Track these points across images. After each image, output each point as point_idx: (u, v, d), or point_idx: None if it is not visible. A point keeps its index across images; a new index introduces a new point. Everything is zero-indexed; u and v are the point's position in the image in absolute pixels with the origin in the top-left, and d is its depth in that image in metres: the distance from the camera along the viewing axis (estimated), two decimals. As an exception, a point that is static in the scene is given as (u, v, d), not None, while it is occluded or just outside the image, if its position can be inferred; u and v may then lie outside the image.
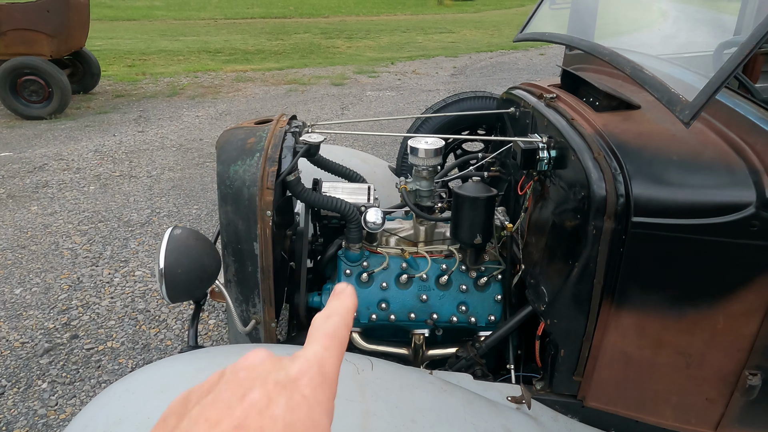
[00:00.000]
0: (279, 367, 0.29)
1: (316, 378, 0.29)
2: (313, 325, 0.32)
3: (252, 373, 0.29)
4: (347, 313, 0.33)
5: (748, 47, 0.73)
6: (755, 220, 0.86)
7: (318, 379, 0.29)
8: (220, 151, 1.21)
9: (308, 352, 0.31)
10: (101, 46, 9.57)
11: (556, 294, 1.09)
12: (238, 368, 0.29)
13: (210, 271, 1.12)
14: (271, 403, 0.27)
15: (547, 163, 1.13)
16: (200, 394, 0.29)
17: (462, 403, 1.02)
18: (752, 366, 0.98)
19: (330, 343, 0.31)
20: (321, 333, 0.32)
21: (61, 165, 4.23)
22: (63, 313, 2.42)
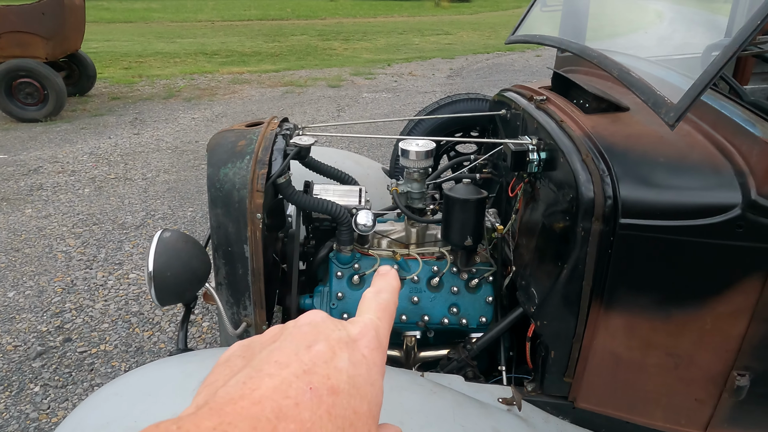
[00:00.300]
0: (340, 326, 0.31)
1: (373, 341, 0.31)
2: (365, 298, 0.35)
3: (315, 329, 0.30)
4: (394, 291, 0.36)
5: (732, 50, 0.74)
6: (741, 222, 0.87)
7: (374, 342, 0.31)
8: (211, 154, 1.21)
9: (365, 318, 0.33)
10: (97, 49, 9.56)
11: (546, 295, 1.09)
12: (301, 323, 0.31)
13: (200, 274, 1.11)
14: (335, 356, 0.29)
15: (537, 165, 1.14)
16: (263, 343, 0.30)
17: (451, 404, 1.02)
18: (740, 366, 0.99)
19: (382, 315, 0.33)
20: (374, 305, 0.34)
21: (56, 167, 4.22)
22: (56, 316, 2.41)
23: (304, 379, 0.27)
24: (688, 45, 1.50)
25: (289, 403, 0.26)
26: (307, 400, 0.26)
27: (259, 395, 0.26)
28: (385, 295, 0.35)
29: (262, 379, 0.27)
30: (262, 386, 0.26)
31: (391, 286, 0.36)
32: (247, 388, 0.26)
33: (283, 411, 0.25)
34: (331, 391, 0.27)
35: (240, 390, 0.26)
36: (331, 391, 0.27)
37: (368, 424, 0.28)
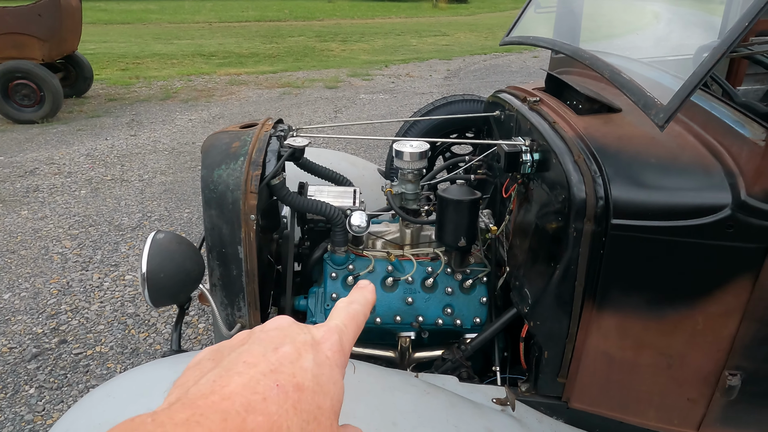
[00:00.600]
0: (305, 330, 0.33)
1: (336, 345, 0.33)
2: (337, 306, 0.37)
3: (282, 332, 0.32)
4: (367, 304, 0.38)
5: (720, 51, 0.74)
6: (731, 222, 0.87)
7: (337, 345, 0.34)
8: (205, 155, 1.21)
9: (331, 323, 0.35)
10: (95, 50, 9.55)
11: (539, 296, 1.10)
12: (268, 328, 0.33)
13: (193, 275, 1.12)
14: (301, 357, 0.31)
15: (530, 166, 1.14)
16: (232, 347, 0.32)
17: (445, 405, 1.02)
18: (732, 366, 0.99)
19: (349, 323, 0.36)
20: (343, 313, 0.36)
21: (53, 169, 4.21)
22: (52, 318, 2.41)
23: (271, 377, 0.28)
24: (681, 46, 1.51)
25: (258, 398, 0.27)
26: (275, 396, 0.28)
27: (228, 391, 0.27)
28: (357, 306, 0.37)
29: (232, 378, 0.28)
30: (231, 383, 0.28)
31: (365, 299, 0.38)
32: (217, 386, 0.28)
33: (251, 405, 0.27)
34: (297, 387, 0.29)
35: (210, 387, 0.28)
36: (297, 387, 0.29)
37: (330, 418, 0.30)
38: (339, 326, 0.35)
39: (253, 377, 0.28)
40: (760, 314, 0.93)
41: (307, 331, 0.33)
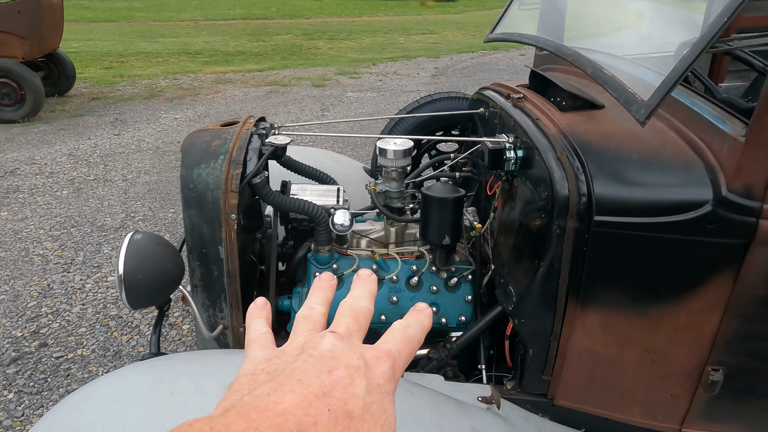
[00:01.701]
0: (358, 353, 0.33)
1: (388, 372, 0.33)
2: (393, 327, 0.37)
3: (335, 355, 0.33)
4: (423, 330, 0.38)
5: (700, 47, 0.74)
6: (712, 218, 0.87)
7: (389, 373, 0.33)
8: (185, 154, 1.19)
9: (385, 347, 0.35)
10: (78, 48, 9.40)
11: (523, 294, 1.09)
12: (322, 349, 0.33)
13: (172, 276, 1.09)
14: (353, 383, 0.31)
15: (514, 163, 1.14)
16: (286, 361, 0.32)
17: (429, 405, 1.01)
18: (714, 361, 0.99)
19: (405, 348, 0.35)
20: (399, 336, 0.36)
21: (34, 169, 4.14)
22: (32, 321, 2.36)
23: (323, 400, 0.29)
24: (664, 43, 1.52)
25: (309, 421, 0.28)
26: (325, 420, 0.28)
27: (282, 408, 0.28)
28: (413, 331, 0.37)
29: (285, 395, 0.29)
30: (285, 401, 0.28)
31: (422, 325, 0.38)
32: (271, 400, 0.28)
33: (303, 426, 0.27)
34: (347, 414, 0.29)
35: (264, 401, 0.28)
36: (347, 414, 0.29)
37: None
38: (393, 351, 0.34)
39: (306, 398, 0.29)
40: (741, 309, 0.93)
41: (360, 355, 0.33)
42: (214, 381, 0.88)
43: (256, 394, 0.29)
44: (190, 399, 0.83)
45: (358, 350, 0.34)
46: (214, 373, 0.90)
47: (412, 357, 0.36)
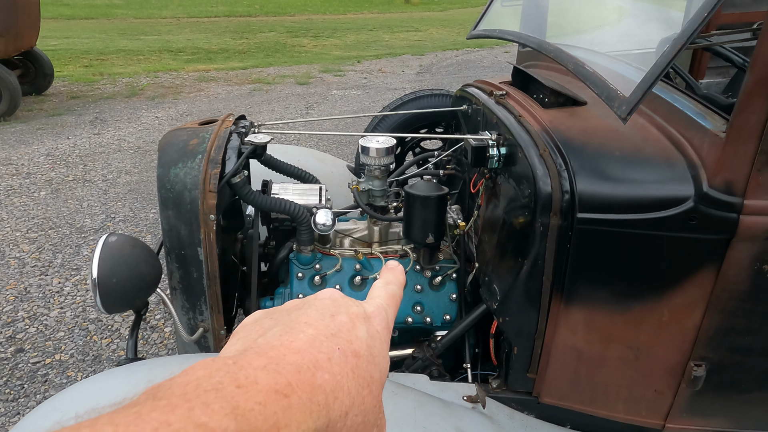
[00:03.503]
0: (357, 304, 0.35)
1: (384, 321, 0.35)
2: (375, 286, 0.39)
3: (336, 302, 0.34)
4: (400, 284, 0.40)
5: (680, 43, 0.73)
6: (694, 214, 0.87)
7: (385, 322, 0.35)
8: (161, 153, 1.16)
9: (377, 301, 0.37)
10: (56, 46, 9.20)
11: (508, 291, 1.09)
12: (322, 297, 0.35)
13: (149, 279, 1.06)
14: (355, 327, 0.32)
15: (498, 160, 1.13)
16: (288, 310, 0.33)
17: (414, 405, 1.00)
18: (697, 357, 1.00)
19: (390, 302, 0.38)
20: (383, 293, 0.38)
21: (10, 170, 4.03)
22: (7, 326, 2.30)
23: (332, 340, 0.30)
24: (646, 40, 1.52)
25: (323, 357, 0.29)
26: (337, 357, 0.30)
27: (297, 347, 0.29)
28: (393, 287, 0.39)
29: (297, 334, 0.30)
30: (298, 340, 0.29)
31: (398, 280, 0.40)
32: (286, 340, 0.29)
33: (319, 362, 0.29)
34: (354, 354, 0.31)
35: (279, 340, 0.29)
36: (354, 354, 0.31)
37: (378, 389, 0.32)
38: (382, 305, 0.37)
39: (316, 337, 0.30)
40: (723, 305, 0.93)
41: (359, 305, 0.35)
42: (192, 386, 0.86)
43: (268, 336, 0.30)
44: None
45: (356, 301, 0.36)
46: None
47: (397, 310, 0.39)
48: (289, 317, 0.32)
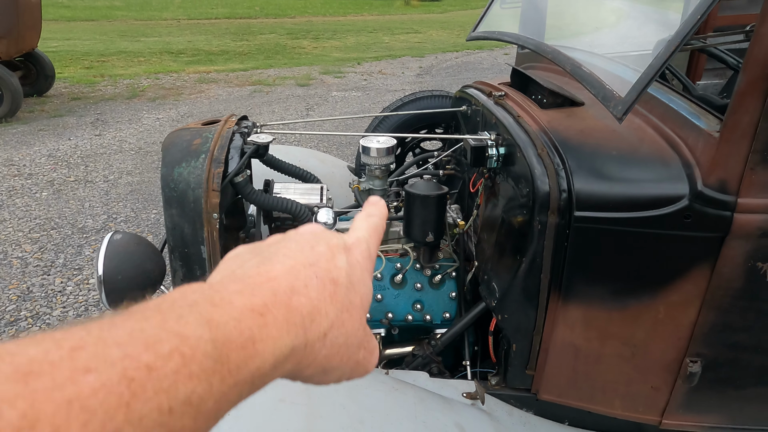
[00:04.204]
0: (337, 236, 0.36)
1: (365, 252, 0.36)
2: (357, 219, 0.40)
3: (315, 235, 0.35)
4: (383, 216, 0.41)
5: (675, 44, 0.75)
6: (689, 212, 0.89)
7: (366, 252, 0.36)
8: (165, 153, 1.18)
9: (358, 233, 0.38)
10: (57, 48, 9.22)
11: (506, 289, 1.10)
12: (302, 231, 0.36)
13: (153, 276, 1.08)
14: (334, 257, 0.33)
15: (496, 160, 1.14)
16: (268, 244, 0.34)
17: (413, 401, 1.02)
18: (692, 353, 1.01)
19: (372, 233, 0.39)
20: (365, 224, 0.39)
21: (12, 171, 4.05)
22: (10, 325, 2.31)
23: (310, 269, 0.31)
24: (642, 42, 1.54)
25: (300, 284, 0.30)
26: (314, 285, 0.31)
27: (274, 274, 0.30)
28: (375, 219, 0.40)
29: (274, 265, 0.31)
30: (275, 269, 0.30)
31: (381, 213, 0.41)
32: (263, 269, 0.30)
33: (295, 288, 0.30)
34: (333, 281, 0.32)
35: (256, 270, 0.30)
36: (333, 281, 0.32)
37: (360, 314, 0.33)
38: (363, 236, 0.38)
39: (294, 267, 0.31)
40: (717, 302, 0.95)
41: (339, 237, 0.36)
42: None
43: (245, 267, 0.31)
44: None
45: (336, 233, 0.36)
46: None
47: (380, 242, 0.39)
48: (269, 250, 0.33)
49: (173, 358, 0.22)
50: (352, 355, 0.33)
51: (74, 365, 0.19)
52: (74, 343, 0.20)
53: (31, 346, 0.19)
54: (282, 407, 0.84)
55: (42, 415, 0.17)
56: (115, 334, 0.21)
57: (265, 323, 0.26)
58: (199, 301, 0.25)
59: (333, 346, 0.31)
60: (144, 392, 0.20)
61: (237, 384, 0.24)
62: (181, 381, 0.22)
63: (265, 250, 0.33)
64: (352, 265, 0.34)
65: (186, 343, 0.22)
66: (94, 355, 0.20)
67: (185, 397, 0.21)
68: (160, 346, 0.21)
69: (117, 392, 0.19)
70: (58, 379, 0.18)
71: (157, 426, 0.20)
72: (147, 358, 0.21)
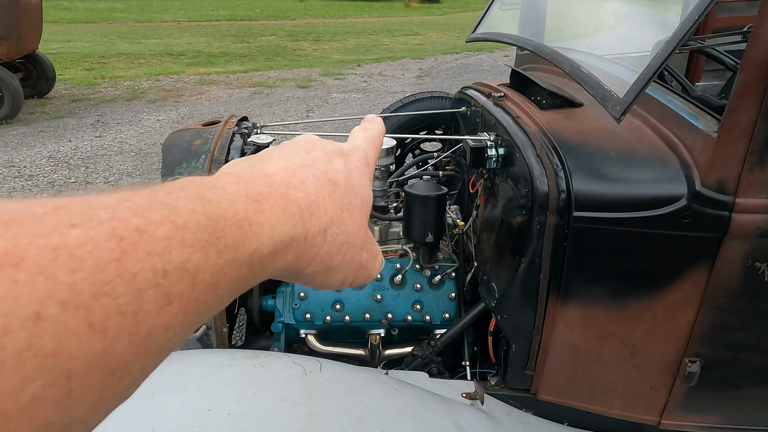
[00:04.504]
0: (333, 142, 0.35)
1: (362, 158, 0.36)
2: (354, 131, 0.40)
3: (311, 142, 0.34)
4: (379, 131, 0.41)
5: (672, 45, 0.76)
6: (687, 212, 0.89)
7: (363, 159, 0.36)
8: (165, 154, 1.18)
9: (354, 141, 0.38)
10: (58, 49, 9.24)
11: (505, 289, 1.11)
12: (297, 139, 0.35)
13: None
14: (331, 161, 0.33)
15: (496, 161, 1.15)
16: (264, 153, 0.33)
17: (413, 401, 1.02)
18: (691, 353, 1.01)
19: (369, 144, 0.38)
20: (362, 135, 0.39)
21: (12, 172, 4.06)
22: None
23: (306, 169, 0.31)
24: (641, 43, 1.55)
25: (296, 181, 0.29)
26: (312, 182, 0.30)
27: (269, 171, 0.29)
28: (372, 131, 0.40)
29: (269, 165, 0.30)
30: (270, 168, 0.30)
31: (377, 126, 0.41)
32: (257, 168, 0.29)
33: (292, 183, 0.29)
34: (331, 182, 0.31)
35: (250, 169, 0.29)
36: (331, 182, 0.31)
37: (360, 215, 0.33)
38: (360, 146, 0.37)
39: (289, 167, 0.30)
40: (716, 302, 0.95)
41: (335, 144, 0.35)
42: (195, 380, 0.88)
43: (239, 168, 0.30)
44: (170, 398, 0.83)
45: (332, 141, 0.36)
46: (195, 373, 0.90)
47: (377, 154, 0.39)
48: (263, 156, 0.32)
49: (164, 224, 0.21)
50: (354, 256, 0.32)
51: (58, 220, 0.18)
52: (58, 204, 0.19)
53: (12, 202, 0.18)
54: (282, 407, 0.85)
55: (27, 255, 0.16)
56: (101, 200, 0.20)
57: (261, 209, 0.26)
58: (189, 185, 0.24)
59: (334, 244, 0.30)
60: (135, 252, 0.19)
61: (235, 261, 0.24)
62: (174, 247, 0.21)
63: (261, 158, 0.32)
64: (350, 169, 0.34)
65: (177, 214, 0.22)
66: (80, 214, 0.19)
67: (179, 263, 0.21)
68: (149, 213, 0.21)
69: (106, 248, 0.18)
70: (41, 229, 0.17)
71: (152, 286, 0.19)
72: (136, 222, 0.20)
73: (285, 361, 0.95)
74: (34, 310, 0.16)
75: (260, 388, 0.87)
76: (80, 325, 0.17)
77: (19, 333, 0.15)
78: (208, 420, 0.76)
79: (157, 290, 0.20)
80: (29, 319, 0.16)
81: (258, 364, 0.92)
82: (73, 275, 0.17)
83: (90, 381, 0.17)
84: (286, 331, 1.32)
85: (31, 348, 0.16)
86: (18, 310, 0.16)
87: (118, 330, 0.18)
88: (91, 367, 0.17)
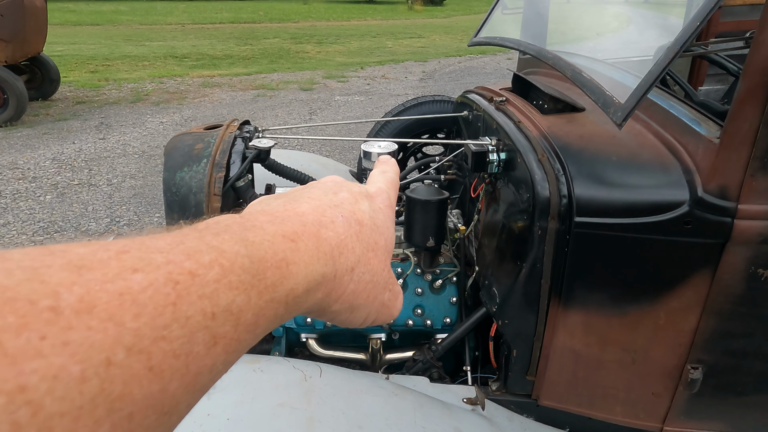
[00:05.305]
0: (358, 185, 0.37)
1: (387, 200, 0.38)
2: (373, 175, 0.41)
3: (338, 183, 0.36)
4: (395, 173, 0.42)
5: (674, 50, 0.75)
6: (689, 218, 0.89)
7: (387, 201, 0.38)
8: (167, 157, 1.19)
9: (377, 183, 0.39)
10: (62, 52, 9.30)
11: (507, 295, 1.10)
12: (324, 180, 0.36)
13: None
14: (357, 202, 0.34)
15: (497, 165, 1.15)
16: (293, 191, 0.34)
17: (413, 406, 1.02)
18: (693, 360, 1.01)
19: (390, 186, 0.40)
20: (382, 178, 0.40)
21: (16, 174, 4.08)
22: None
23: (335, 209, 0.32)
24: (644, 47, 1.54)
25: (326, 220, 0.31)
26: (340, 222, 0.31)
27: (301, 210, 0.30)
28: (390, 174, 0.41)
29: (301, 205, 0.31)
30: (302, 207, 0.31)
31: (393, 169, 0.42)
32: (290, 207, 0.31)
33: (322, 223, 0.30)
34: (358, 222, 0.32)
35: (283, 207, 0.31)
36: (358, 222, 0.32)
37: (384, 254, 0.34)
38: (383, 188, 0.39)
39: (319, 207, 0.32)
40: (718, 308, 0.95)
41: (361, 186, 0.37)
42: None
43: (271, 205, 0.31)
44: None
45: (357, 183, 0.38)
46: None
47: (396, 196, 0.40)
48: (293, 194, 0.34)
49: (213, 267, 0.22)
50: (378, 295, 0.34)
51: (122, 265, 0.19)
52: (120, 248, 0.20)
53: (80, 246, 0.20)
54: (281, 412, 0.84)
55: (98, 302, 0.18)
56: (157, 243, 0.22)
57: (297, 248, 0.27)
58: (232, 226, 0.26)
59: (360, 282, 0.32)
60: (188, 295, 0.20)
61: (273, 301, 0.25)
62: (222, 290, 0.22)
63: (289, 195, 0.34)
64: (375, 210, 0.35)
65: (224, 256, 0.23)
66: (140, 259, 0.20)
67: (226, 305, 0.22)
68: (200, 256, 0.22)
69: (164, 292, 0.20)
70: (108, 275, 0.19)
71: (202, 328, 0.21)
72: (189, 266, 0.21)
73: (285, 366, 0.95)
74: (105, 357, 0.17)
75: (259, 393, 0.87)
76: (142, 369, 0.18)
77: (94, 380, 0.17)
78: (207, 425, 0.76)
79: (206, 332, 0.21)
80: (102, 365, 0.17)
81: (257, 369, 0.92)
82: (137, 320, 0.18)
83: (147, 421, 0.19)
84: (287, 335, 1.31)
85: (103, 392, 0.17)
86: (93, 356, 0.17)
87: (172, 372, 0.19)
88: (149, 408, 0.19)
